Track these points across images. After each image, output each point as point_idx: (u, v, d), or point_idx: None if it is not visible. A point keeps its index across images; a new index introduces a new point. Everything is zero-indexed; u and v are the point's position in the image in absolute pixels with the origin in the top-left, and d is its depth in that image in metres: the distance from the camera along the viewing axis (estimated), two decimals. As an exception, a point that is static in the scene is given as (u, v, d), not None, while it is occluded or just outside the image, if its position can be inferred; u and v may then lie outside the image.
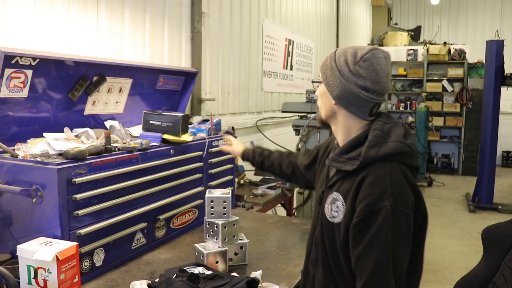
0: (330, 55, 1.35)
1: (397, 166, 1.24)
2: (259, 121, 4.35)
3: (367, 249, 1.19)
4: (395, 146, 1.24)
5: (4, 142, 1.74)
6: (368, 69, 1.26)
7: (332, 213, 1.32)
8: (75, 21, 2.29)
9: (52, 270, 1.39)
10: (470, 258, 4.46)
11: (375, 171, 1.23)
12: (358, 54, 1.28)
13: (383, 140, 1.26)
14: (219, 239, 1.81)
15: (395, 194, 1.19)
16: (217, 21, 3.71)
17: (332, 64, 1.32)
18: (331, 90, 1.32)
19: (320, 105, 1.40)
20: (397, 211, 1.18)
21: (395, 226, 1.18)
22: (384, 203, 1.18)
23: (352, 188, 1.25)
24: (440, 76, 9.17)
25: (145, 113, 2.15)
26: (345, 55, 1.30)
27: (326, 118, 1.40)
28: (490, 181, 6.39)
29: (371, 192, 1.20)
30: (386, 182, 1.20)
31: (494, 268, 1.53)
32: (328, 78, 1.32)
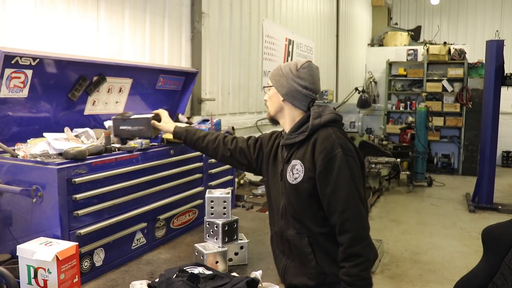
0: (277, 68, 1.76)
1: (336, 129, 1.66)
2: (259, 121, 4.35)
3: (335, 185, 1.55)
4: (331, 115, 1.68)
5: (4, 142, 1.74)
6: (307, 73, 1.70)
7: (294, 176, 1.65)
8: (75, 21, 2.29)
9: (52, 270, 1.39)
10: (470, 258, 4.46)
11: (323, 133, 1.63)
12: (299, 64, 1.72)
13: (321, 114, 1.68)
14: (219, 239, 1.81)
15: (342, 144, 1.59)
16: (217, 21, 3.71)
17: (280, 72, 1.74)
18: (281, 90, 1.71)
19: (270, 105, 1.78)
20: (347, 155, 1.58)
21: (349, 164, 1.57)
22: (337, 150, 1.57)
23: (308, 150, 1.63)
24: (440, 76, 9.17)
25: (113, 119, 2.06)
26: (289, 65, 1.73)
27: (274, 114, 1.78)
28: (490, 181, 6.39)
29: (325, 146, 1.59)
30: (333, 137, 1.60)
31: (494, 268, 1.53)
32: (278, 81, 1.72)
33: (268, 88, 1.79)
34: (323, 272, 1.61)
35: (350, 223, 1.54)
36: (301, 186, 1.62)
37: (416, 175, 7.84)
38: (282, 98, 1.72)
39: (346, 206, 1.54)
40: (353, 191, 1.56)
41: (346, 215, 1.54)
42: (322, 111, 1.71)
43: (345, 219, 1.54)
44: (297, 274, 1.66)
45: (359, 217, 1.56)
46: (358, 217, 1.55)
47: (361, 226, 1.56)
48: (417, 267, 4.28)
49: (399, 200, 6.95)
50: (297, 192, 1.63)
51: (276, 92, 1.73)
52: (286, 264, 1.70)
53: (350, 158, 1.59)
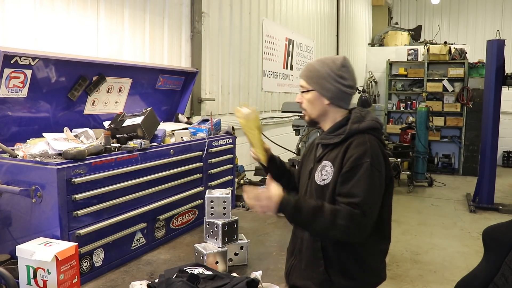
0: (313, 69, 1.68)
1: (373, 138, 1.61)
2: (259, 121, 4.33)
3: (356, 183, 1.51)
4: (371, 123, 1.63)
5: (4, 142, 1.74)
6: (347, 71, 1.66)
7: (322, 177, 1.62)
8: (74, 21, 2.29)
9: (51, 271, 1.39)
10: (470, 258, 4.45)
11: (358, 139, 1.58)
12: (337, 62, 1.66)
13: (362, 119, 1.64)
14: (219, 239, 1.80)
15: (373, 155, 1.54)
16: (217, 20, 3.70)
17: (319, 73, 1.65)
18: (326, 94, 1.65)
19: (311, 109, 1.70)
20: (374, 168, 1.53)
21: (372, 178, 1.52)
22: (366, 159, 1.53)
23: (340, 153, 1.59)
24: (441, 76, 9.15)
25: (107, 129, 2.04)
26: (326, 65, 1.66)
27: (316, 117, 1.72)
28: (490, 181, 6.37)
29: (356, 151, 1.55)
30: (367, 146, 1.55)
31: (495, 269, 1.52)
32: (320, 84, 1.65)
33: (303, 91, 1.69)
34: (329, 280, 1.57)
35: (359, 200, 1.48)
36: (327, 188, 1.58)
37: (417, 175, 7.82)
38: (328, 102, 1.65)
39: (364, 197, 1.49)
40: (372, 193, 1.51)
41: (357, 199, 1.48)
42: (364, 116, 1.65)
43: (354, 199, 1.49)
44: (302, 277, 1.62)
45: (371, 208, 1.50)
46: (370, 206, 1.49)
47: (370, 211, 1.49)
48: (417, 267, 4.28)
49: (400, 200, 6.94)
50: (322, 193, 1.59)
51: (319, 96, 1.65)
52: (292, 264, 1.67)
53: (376, 172, 1.53)
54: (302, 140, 3.93)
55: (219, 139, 2.52)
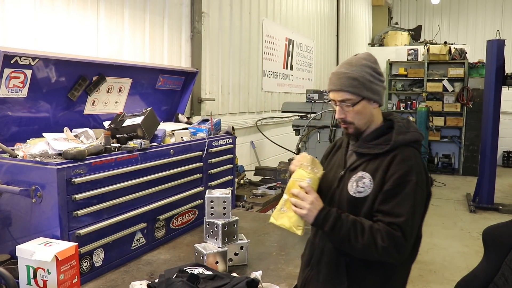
0: (353, 76, 1.50)
1: (416, 152, 1.53)
2: (259, 121, 4.34)
3: (399, 203, 1.42)
4: (416, 135, 1.54)
5: (4, 142, 1.74)
6: (379, 67, 1.57)
7: (357, 189, 1.49)
8: (74, 21, 2.29)
9: (51, 271, 1.39)
10: (470, 258, 4.45)
11: (403, 152, 1.48)
12: (369, 60, 1.55)
13: (406, 130, 1.53)
14: (219, 239, 1.80)
15: (418, 172, 1.46)
16: (217, 20, 3.70)
17: (366, 79, 1.51)
18: (375, 98, 1.53)
19: (359, 120, 1.54)
20: (418, 187, 1.44)
21: (416, 197, 1.43)
22: (412, 177, 1.44)
23: (382, 166, 1.48)
24: (441, 76, 9.15)
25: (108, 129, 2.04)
26: (363, 67, 1.52)
27: (365, 127, 1.57)
28: (490, 181, 6.38)
29: (401, 168, 1.45)
30: (412, 162, 1.46)
31: (495, 269, 1.52)
32: (371, 90, 1.51)
33: (350, 104, 1.51)
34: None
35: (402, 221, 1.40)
36: (362, 203, 1.47)
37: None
38: (377, 105, 1.55)
39: (407, 219, 1.41)
40: (413, 215, 1.43)
41: (399, 218, 1.40)
42: (407, 126, 1.54)
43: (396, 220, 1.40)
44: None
45: (412, 231, 1.42)
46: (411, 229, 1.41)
47: (410, 233, 1.41)
48: (417, 267, 4.27)
49: (400, 200, 6.93)
50: (356, 206, 1.48)
51: (368, 103, 1.52)
52: (308, 275, 1.58)
53: (420, 191, 1.44)
54: (302, 140, 3.93)
55: (219, 139, 2.52)
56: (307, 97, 4.08)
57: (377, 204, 1.45)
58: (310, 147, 3.91)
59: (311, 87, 6.25)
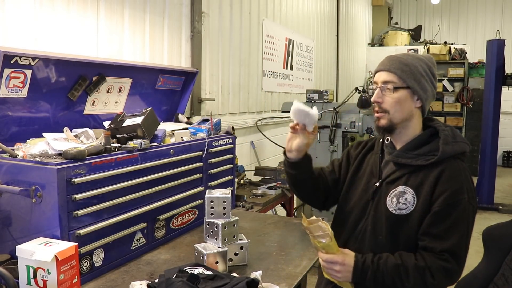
0: (409, 63, 1.39)
1: (464, 165, 1.41)
2: (259, 121, 4.34)
3: (452, 226, 1.32)
4: (465, 146, 1.41)
5: (4, 142, 1.74)
6: (435, 71, 1.46)
7: (399, 205, 1.37)
8: (74, 20, 2.29)
9: (51, 271, 1.39)
10: (470, 258, 4.42)
11: (451, 166, 1.36)
12: (428, 59, 1.44)
13: (453, 139, 1.40)
14: (219, 239, 1.80)
15: (469, 189, 1.36)
16: (217, 20, 3.70)
17: (418, 70, 1.39)
18: (421, 95, 1.40)
19: (396, 110, 1.41)
20: (471, 204, 1.35)
21: (468, 217, 1.35)
22: (464, 195, 1.33)
23: (427, 181, 1.35)
24: (441, 76, 9.14)
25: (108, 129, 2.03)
26: (419, 61, 1.41)
27: (400, 122, 1.43)
28: (490, 181, 6.38)
29: (452, 185, 1.33)
30: (462, 177, 1.35)
31: (495, 269, 1.53)
32: (419, 82, 1.39)
33: (393, 87, 1.39)
34: None
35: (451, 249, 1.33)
36: (404, 221, 1.36)
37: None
38: (420, 104, 1.42)
39: (456, 247, 1.35)
40: (465, 243, 1.38)
41: (448, 244, 1.33)
42: (453, 135, 1.41)
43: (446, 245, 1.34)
44: None
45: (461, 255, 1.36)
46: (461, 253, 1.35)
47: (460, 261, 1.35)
48: (417, 267, 4.27)
49: (400, 200, 6.93)
50: (396, 224, 1.38)
51: (412, 96, 1.40)
52: None
53: (472, 208, 1.36)
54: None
55: (219, 139, 2.52)
56: (307, 97, 4.08)
57: (425, 226, 1.34)
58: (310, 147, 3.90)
59: (311, 87, 6.24)
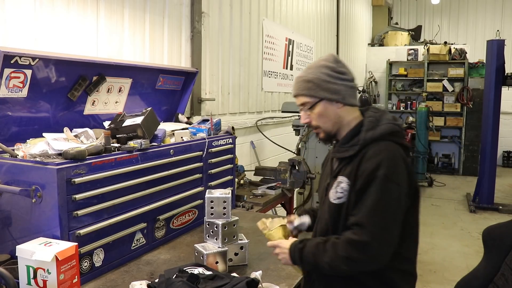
0: (308, 78, 1.49)
1: (391, 145, 1.43)
2: (259, 121, 4.34)
3: (363, 203, 1.37)
4: (388, 127, 1.45)
5: (4, 142, 1.74)
6: (344, 66, 1.52)
7: (337, 194, 1.45)
8: (74, 21, 2.29)
9: (51, 271, 1.39)
10: (470, 258, 4.46)
11: (373, 148, 1.41)
12: (327, 60, 1.50)
13: (377, 124, 1.46)
14: (219, 239, 1.80)
15: (389, 165, 1.37)
16: (217, 20, 3.70)
17: (321, 79, 1.47)
18: (336, 98, 1.48)
19: (324, 122, 1.52)
20: (389, 181, 1.35)
21: (385, 193, 1.35)
22: (379, 171, 1.36)
23: (354, 167, 1.43)
24: (441, 76, 9.16)
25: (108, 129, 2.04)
26: (319, 68, 1.49)
27: (334, 129, 1.53)
28: (490, 181, 6.38)
29: (369, 164, 1.38)
30: (382, 156, 1.38)
31: (495, 269, 1.52)
32: (328, 90, 1.47)
33: (308, 107, 1.50)
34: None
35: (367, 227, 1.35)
36: (341, 209, 1.43)
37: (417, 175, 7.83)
38: (341, 105, 1.49)
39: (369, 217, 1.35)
40: (379, 215, 1.35)
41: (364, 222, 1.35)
42: (379, 118, 1.48)
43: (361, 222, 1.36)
44: None
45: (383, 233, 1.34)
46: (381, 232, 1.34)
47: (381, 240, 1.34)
48: (417, 267, 4.27)
49: (400, 200, 6.93)
50: (338, 214, 1.45)
51: (329, 103, 1.48)
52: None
53: (391, 185, 1.35)
54: (302, 140, 3.93)
55: (219, 139, 2.52)
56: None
57: (350, 208, 1.41)
58: (310, 147, 3.91)
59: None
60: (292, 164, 3.26)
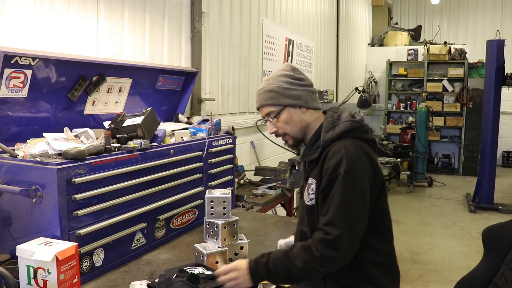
0: (269, 89, 1.55)
1: (352, 141, 1.46)
2: (259, 121, 4.34)
3: (330, 203, 1.38)
4: (346, 125, 1.48)
5: (4, 142, 1.74)
6: (300, 73, 1.58)
7: (309, 196, 1.51)
8: (74, 21, 2.29)
9: (51, 270, 1.39)
10: (470, 258, 4.46)
11: (333, 148, 1.45)
12: (285, 69, 1.56)
13: (335, 124, 1.50)
14: (219, 239, 1.80)
15: (350, 161, 1.39)
16: (217, 20, 3.71)
17: (281, 87, 1.53)
18: (299, 103, 1.53)
19: (291, 128, 1.58)
20: (351, 176, 1.38)
21: (350, 188, 1.37)
22: (340, 169, 1.39)
23: (319, 167, 1.47)
24: (441, 76, 9.16)
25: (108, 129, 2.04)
26: (278, 78, 1.55)
27: (301, 134, 1.58)
28: (490, 181, 6.38)
29: (331, 163, 1.41)
30: (342, 153, 1.41)
31: (495, 268, 1.52)
32: (290, 96, 1.53)
33: (274, 115, 1.56)
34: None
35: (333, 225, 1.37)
36: (314, 209, 1.49)
37: (417, 175, 7.83)
38: (305, 109, 1.55)
39: (333, 217, 1.38)
40: (343, 212, 1.37)
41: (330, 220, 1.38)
42: (338, 118, 1.53)
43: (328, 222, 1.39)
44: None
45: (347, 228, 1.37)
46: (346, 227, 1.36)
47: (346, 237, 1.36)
48: (417, 267, 4.28)
49: (399, 200, 6.94)
50: (310, 214, 1.51)
51: (293, 109, 1.55)
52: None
53: (355, 180, 1.38)
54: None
55: (219, 139, 2.52)
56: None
57: (319, 206, 1.45)
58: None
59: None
60: (292, 164, 3.27)
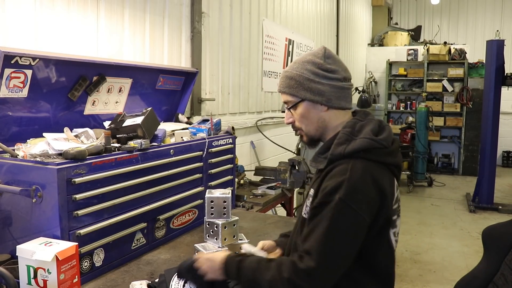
0: (291, 74, 1.35)
1: (363, 163, 1.23)
2: (259, 121, 4.34)
3: (314, 228, 1.20)
4: (362, 143, 1.24)
5: (4, 142, 1.74)
6: (335, 62, 1.33)
7: (307, 209, 1.33)
8: (74, 21, 2.29)
9: (51, 270, 1.39)
10: (470, 258, 4.46)
11: (339, 166, 1.24)
12: (316, 54, 1.34)
13: (352, 137, 1.27)
14: (219, 239, 1.80)
15: (349, 189, 1.18)
16: (217, 21, 3.71)
17: (302, 77, 1.32)
18: (320, 99, 1.32)
19: (306, 125, 1.39)
20: (346, 206, 1.17)
21: (339, 217, 1.17)
22: (336, 195, 1.18)
23: (320, 182, 1.28)
24: (440, 76, 9.16)
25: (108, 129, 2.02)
26: (304, 64, 1.33)
27: (317, 133, 1.39)
28: (490, 181, 6.39)
29: (329, 184, 1.21)
30: (344, 177, 1.19)
31: (495, 268, 1.52)
32: (310, 90, 1.32)
33: (290, 106, 1.37)
34: None
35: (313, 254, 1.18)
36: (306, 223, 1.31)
37: (416, 175, 7.84)
38: (326, 108, 1.33)
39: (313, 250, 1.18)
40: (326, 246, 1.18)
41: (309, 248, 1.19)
42: (359, 130, 1.29)
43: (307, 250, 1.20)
44: None
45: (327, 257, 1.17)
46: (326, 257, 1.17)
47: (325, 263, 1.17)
48: (417, 267, 4.28)
49: (399, 200, 6.94)
50: (304, 226, 1.32)
51: (312, 104, 1.34)
52: None
53: (349, 212, 1.17)
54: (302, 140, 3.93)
55: (219, 139, 2.52)
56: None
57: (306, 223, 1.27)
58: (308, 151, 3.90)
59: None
60: (292, 164, 3.27)
